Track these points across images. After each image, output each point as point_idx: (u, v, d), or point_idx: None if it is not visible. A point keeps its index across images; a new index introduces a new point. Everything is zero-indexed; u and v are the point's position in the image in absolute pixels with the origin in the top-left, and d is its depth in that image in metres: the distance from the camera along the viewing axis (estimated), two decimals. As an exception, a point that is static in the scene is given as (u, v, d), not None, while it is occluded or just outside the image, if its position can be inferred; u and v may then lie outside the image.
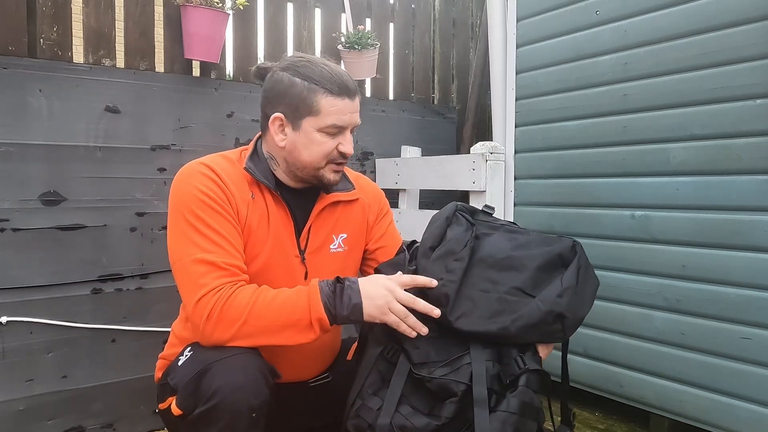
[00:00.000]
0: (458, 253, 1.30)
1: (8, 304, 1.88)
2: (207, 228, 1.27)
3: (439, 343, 1.25)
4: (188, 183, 1.32)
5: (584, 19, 2.18)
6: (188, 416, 1.20)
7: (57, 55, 1.99)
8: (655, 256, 1.98)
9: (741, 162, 1.78)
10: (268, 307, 1.22)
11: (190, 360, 1.26)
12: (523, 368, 1.21)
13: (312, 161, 1.35)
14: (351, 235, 1.48)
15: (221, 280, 1.23)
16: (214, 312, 1.20)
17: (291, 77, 1.33)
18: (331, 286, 1.25)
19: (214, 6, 2.17)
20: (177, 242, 1.29)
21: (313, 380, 1.49)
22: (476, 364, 1.21)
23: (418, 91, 3.00)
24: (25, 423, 1.91)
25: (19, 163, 1.90)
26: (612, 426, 2.16)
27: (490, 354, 1.23)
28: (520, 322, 1.22)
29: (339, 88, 1.32)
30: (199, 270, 1.24)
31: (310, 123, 1.33)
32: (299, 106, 1.32)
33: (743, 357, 1.77)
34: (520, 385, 1.19)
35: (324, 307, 1.22)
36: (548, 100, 2.31)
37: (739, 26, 1.77)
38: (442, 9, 3.06)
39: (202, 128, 2.25)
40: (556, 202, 2.29)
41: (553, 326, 1.23)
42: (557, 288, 1.24)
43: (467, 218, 1.38)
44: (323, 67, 1.33)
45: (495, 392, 1.20)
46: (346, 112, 1.33)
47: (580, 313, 1.26)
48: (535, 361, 1.24)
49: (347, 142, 1.36)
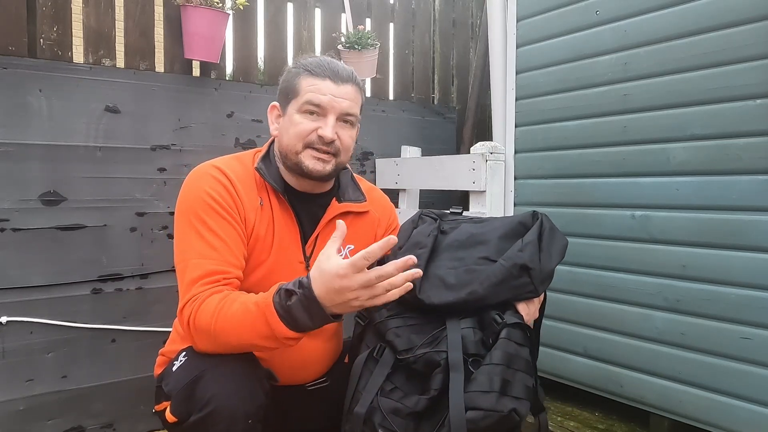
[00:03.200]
0: (422, 242, 1.35)
1: (8, 304, 1.88)
2: (208, 231, 1.26)
3: (419, 329, 1.27)
4: (197, 186, 1.31)
5: (584, 19, 2.18)
6: (183, 424, 1.19)
7: (57, 55, 1.99)
8: (655, 256, 1.98)
9: (741, 162, 1.78)
10: (230, 324, 1.16)
11: (184, 366, 1.24)
12: (501, 323, 1.21)
13: (289, 143, 1.34)
14: (359, 247, 1.45)
15: (201, 287, 1.21)
16: (191, 322, 1.20)
17: (290, 69, 1.37)
18: (283, 300, 1.13)
19: (214, 6, 2.17)
20: (179, 244, 1.29)
21: (311, 384, 1.48)
22: (451, 333, 1.22)
23: (418, 91, 3.00)
24: (25, 423, 1.91)
25: (19, 163, 1.90)
26: (612, 426, 2.16)
27: (470, 322, 1.24)
28: (486, 282, 1.24)
29: (322, 69, 1.32)
30: (190, 275, 1.23)
31: (293, 106, 1.34)
32: (288, 92, 1.35)
33: (743, 357, 1.77)
34: (501, 338, 1.19)
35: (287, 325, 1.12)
36: (548, 100, 2.31)
37: (739, 26, 1.77)
38: (442, 9, 3.06)
39: (202, 128, 2.25)
40: (556, 202, 2.29)
41: (520, 279, 1.25)
42: (518, 245, 1.28)
43: (432, 217, 1.44)
44: (319, 57, 1.35)
45: (482, 357, 1.20)
46: (326, 93, 1.31)
47: (547, 265, 1.28)
48: (515, 318, 1.23)
49: (327, 125, 1.31)
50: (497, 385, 1.13)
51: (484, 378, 1.14)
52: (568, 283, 2.23)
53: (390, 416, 1.17)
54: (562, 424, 2.16)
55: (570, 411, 2.25)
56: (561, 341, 2.26)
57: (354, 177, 1.53)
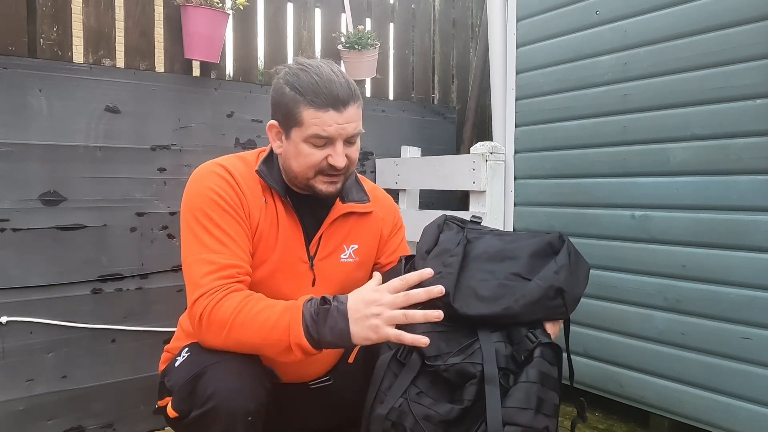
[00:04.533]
0: (453, 250, 1.36)
1: (8, 304, 1.88)
2: (215, 227, 1.27)
3: (448, 336, 1.27)
4: (201, 183, 1.32)
5: (584, 19, 2.18)
6: (184, 419, 1.20)
7: (57, 55, 1.99)
8: (655, 256, 1.98)
9: (741, 162, 1.78)
10: (252, 321, 1.18)
11: (187, 362, 1.26)
12: (536, 342, 1.24)
13: (301, 172, 1.33)
14: (362, 247, 1.47)
15: (218, 282, 1.22)
16: (204, 315, 1.20)
17: (283, 86, 1.30)
18: (315, 307, 1.17)
19: (214, 6, 2.17)
20: (186, 241, 1.30)
21: (314, 382, 1.48)
22: (485, 345, 1.23)
23: (418, 91, 3.00)
24: (25, 423, 1.91)
25: (19, 163, 1.90)
26: (612, 426, 2.16)
27: (500, 336, 1.26)
28: (522, 300, 1.26)
29: (323, 100, 1.26)
30: (201, 270, 1.24)
31: (296, 133, 1.30)
32: (288, 116, 1.30)
33: (743, 357, 1.77)
34: (536, 356, 1.22)
35: (305, 332, 1.15)
36: (548, 100, 2.31)
37: (739, 26, 1.77)
38: (442, 9, 3.06)
39: (202, 128, 2.25)
40: (556, 202, 2.29)
41: (555, 301, 1.29)
42: (553, 267, 1.32)
43: (457, 224, 1.45)
44: (314, 76, 1.27)
45: (511, 371, 1.22)
46: (331, 124, 1.27)
47: (577, 290, 1.33)
48: (546, 337, 1.27)
49: (337, 154, 1.30)
50: (534, 403, 1.17)
51: (522, 395, 1.17)
52: (568, 283, 2.23)
53: (423, 422, 1.18)
54: (562, 424, 2.16)
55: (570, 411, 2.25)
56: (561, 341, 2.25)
57: (358, 177, 1.53)
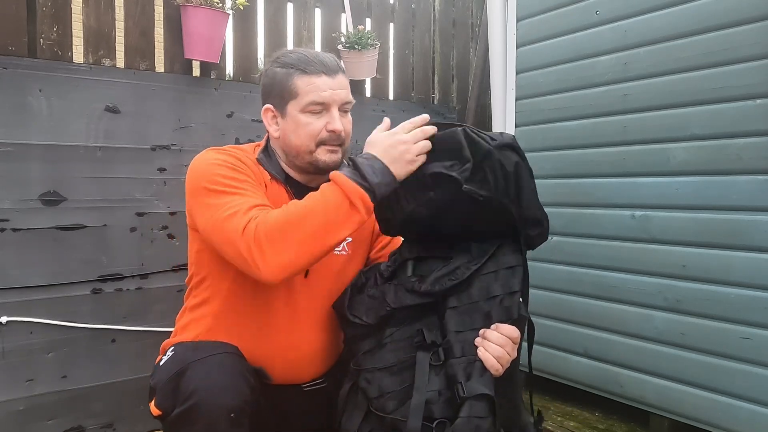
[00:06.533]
0: None
1: (8, 304, 1.88)
2: (231, 187, 1.25)
3: (391, 371, 1.25)
4: (203, 160, 1.33)
5: (584, 19, 2.18)
6: (167, 417, 1.20)
7: (57, 55, 1.99)
8: (655, 256, 1.98)
9: (741, 162, 1.77)
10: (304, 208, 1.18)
11: (170, 360, 1.26)
12: (462, 396, 1.14)
13: (301, 144, 1.35)
14: (356, 241, 1.47)
15: (253, 211, 1.20)
16: (260, 234, 1.15)
17: (273, 69, 1.37)
18: (350, 168, 1.20)
19: (214, 6, 2.17)
20: (204, 213, 1.26)
21: (308, 384, 1.46)
22: (416, 394, 1.18)
23: (418, 91, 3.00)
24: (25, 423, 1.91)
25: (19, 163, 1.90)
26: (612, 426, 2.16)
27: (437, 383, 1.19)
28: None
29: (314, 67, 1.33)
30: (232, 221, 1.19)
31: (293, 107, 1.35)
32: (282, 94, 1.35)
33: (743, 357, 1.77)
34: (461, 416, 1.13)
35: (358, 184, 1.17)
36: (548, 100, 2.31)
37: (739, 26, 1.77)
38: (442, 9, 3.06)
39: (202, 128, 2.25)
40: (556, 202, 2.28)
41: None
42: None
43: None
44: (301, 52, 1.36)
45: (449, 419, 1.15)
46: (325, 89, 1.33)
47: None
48: (481, 384, 1.15)
49: (334, 119, 1.34)
50: None
51: None
52: (567, 283, 2.23)
53: None
54: (562, 424, 2.16)
55: (570, 411, 2.26)
56: (561, 341, 2.26)
57: None
